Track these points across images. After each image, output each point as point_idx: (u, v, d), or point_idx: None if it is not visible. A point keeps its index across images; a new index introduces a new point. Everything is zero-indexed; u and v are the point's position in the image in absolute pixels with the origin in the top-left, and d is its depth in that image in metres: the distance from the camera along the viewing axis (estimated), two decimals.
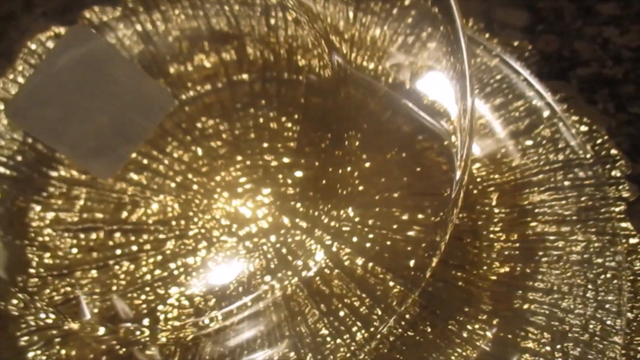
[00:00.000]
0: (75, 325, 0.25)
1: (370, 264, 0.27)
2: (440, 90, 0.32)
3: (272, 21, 0.34)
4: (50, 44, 0.32)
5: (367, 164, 0.30)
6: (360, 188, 0.29)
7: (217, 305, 0.26)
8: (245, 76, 0.33)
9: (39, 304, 0.25)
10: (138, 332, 0.25)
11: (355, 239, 0.28)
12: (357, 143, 0.30)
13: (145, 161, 0.30)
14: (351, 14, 0.33)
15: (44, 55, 0.31)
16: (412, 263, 0.27)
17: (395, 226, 0.28)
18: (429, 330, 0.25)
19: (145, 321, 0.25)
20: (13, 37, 0.32)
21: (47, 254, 0.27)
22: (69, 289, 0.26)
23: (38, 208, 0.28)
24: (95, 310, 0.25)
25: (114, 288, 0.26)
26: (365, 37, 0.33)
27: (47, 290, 0.26)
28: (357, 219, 0.28)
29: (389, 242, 0.27)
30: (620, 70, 0.34)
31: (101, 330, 0.25)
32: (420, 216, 0.28)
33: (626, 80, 0.34)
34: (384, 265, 0.27)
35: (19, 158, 0.30)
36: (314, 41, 0.31)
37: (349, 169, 0.29)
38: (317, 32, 0.30)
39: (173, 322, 0.25)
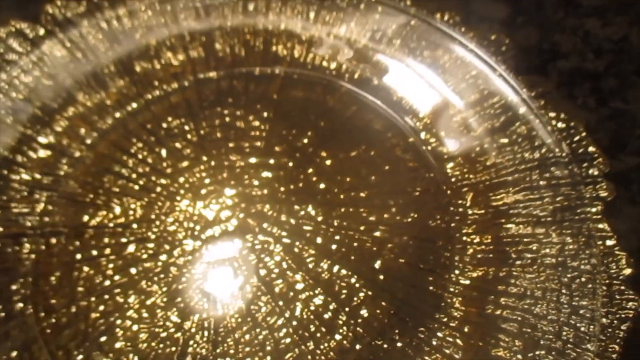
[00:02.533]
0: None
1: (336, 267, 0.26)
2: (407, 86, 0.31)
3: (251, 6, 0.33)
4: (11, 41, 0.31)
5: (328, 162, 0.29)
6: (322, 186, 0.28)
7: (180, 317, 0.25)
8: (212, 74, 0.32)
9: None
10: None
11: (319, 240, 0.27)
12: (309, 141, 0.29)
13: (107, 163, 0.29)
14: (312, 15, 0.32)
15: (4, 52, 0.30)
16: (378, 264, 0.26)
17: (362, 227, 0.27)
18: (398, 338, 0.24)
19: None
20: None
21: (3, 262, 0.26)
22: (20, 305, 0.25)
23: None
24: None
25: (72, 296, 0.25)
26: (328, 35, 0.32)
27: None
28: (319, 219, 0.27)
29: (355, 244, 0.26)
30: (602, 63, 0.33)
31: None
32: (386, 216, 0.27)
33: (607, 74, 0.33)
34: (349, 268, 0.26)
35: None
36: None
37: (310, 170, 0.28)
38: None
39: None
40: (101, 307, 0.25)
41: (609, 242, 0.25)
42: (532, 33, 0.34)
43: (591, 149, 0.27)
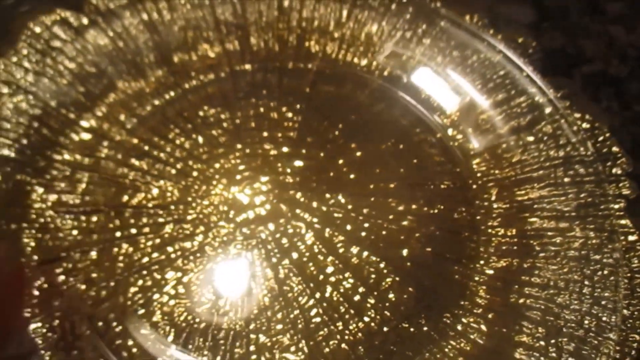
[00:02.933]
0: None
1: (365, 253, 0.27)
2: (435, 84, 0.32)
3: (286, 3, 0.34)
4: (56, 29, 0.32)
5: (358, 154, 0.30)
6: (352, 176, 0.29)
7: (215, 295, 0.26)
8: (247, 66, 0.33)
9: None
10: None
11: (349, 227, 0.28)
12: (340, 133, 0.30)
13: (146, 147, 0.30)
14: (345, 13, 0.33)
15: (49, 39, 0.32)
16: (405, 252, 0.27)
17: (390, 216, 0.28)
18: (424, 322, 0.25)
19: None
20: (16, 18, 0.32)
21: (47, 236, 0.27)
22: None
23: (41, 190, 0.29)
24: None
25: (112, 271, 0.26)
26: (359, 33, 0.33)
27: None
28: (349, 207, 0.28)
29: (384, 232, 0.27)
30: (626, 69, 0.34)
31: None
32: (414, 206, 0.28)
33: (631, 79, 0.34)
34: (378, 254, 0.27)
35: (24, 141, 0.30)
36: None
37: (340, 161, 0.29)
38: None
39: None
40: (140, 282, 0.26)
41: (631, 238, 0.25)
42: (557, 37, 0.35)
43: (615, 149, 0.28)
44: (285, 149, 0.30)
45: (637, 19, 0.36)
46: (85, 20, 0.33)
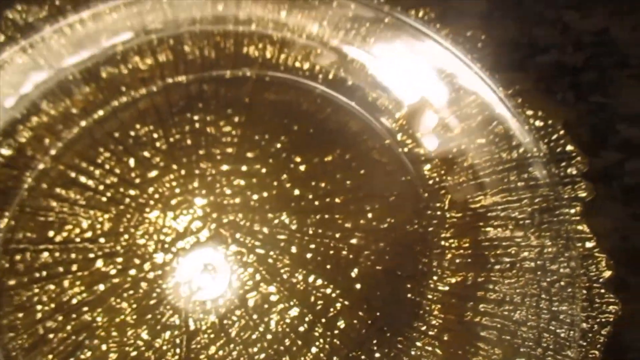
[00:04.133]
0: None
1: (312, 277, 0.25)
2: (381, 87, 0.30)
3: (220, 7, 0.32)
4: None
5: (302, 167, 0.28)
6: (296, 192, 0.27)
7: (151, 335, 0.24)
8: (181, 78, 0.31)
9: None
10: None
11: (294, 249, 0.26)
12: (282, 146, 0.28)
13: (73, 174, 0.28)
14: (284, 14, 0.31)
15: None
16: (354, 273, 0.25)
17: (337, 234, 0.26)
18: (376, 349, 0.24)
19: None
20: None
21: None
22: None
23: None
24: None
25: (39, 315, 0.24)
26: (300, 35, 0.31)
27: None
28: (294, 227, 0.26)
29: (331, 252, 0.26)
30: (581, 56, 0.33)
31: None
32: (362, 222, 0.26)
33: (587, 68, 0.32)
34: (325, 277, 0.25)
35: None
36: None
37: (284, 176, 0.27)
38: None
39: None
40: (68, 327, 0.24)
41: (589, 244, 0.24)
42: (509, 27, 0.34)
43: (569, 147, 0.26)
44: (224, 167, 0.28)
45: (591, 2, 0.34)
46: (1, 37, 0.30)
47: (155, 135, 0.29)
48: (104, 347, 0.24)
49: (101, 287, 0.25)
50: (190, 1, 0.32)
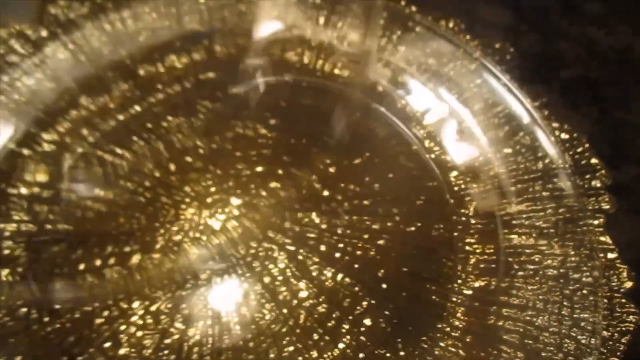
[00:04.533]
0: None
1: (340, 275, 0.26)
2: (411, 94, 0.31)
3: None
4: (13, 42, 0.31)
5: (332, 169, 0.29)
6: (325, 194, 0.28)
7: (184, 324, 0.25)
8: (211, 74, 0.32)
9: None
10: None
11: (323, 248, 0.27)
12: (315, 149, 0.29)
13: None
14: (322, 20, 0.32)
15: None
16: (381, 273, 0.26)
17: (365, 235, 0.27)
18: (401, 347, 0.25)
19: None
20: None
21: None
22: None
23: None
24: None
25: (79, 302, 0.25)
26: (340, 42, 0.32)
27: None
28: (323, 227, 0.27)
29: (358, 252, 0.27)
30: (605, 72, 0.33)
31: None
32: (389, 224, 0.27)
33: (610, 83, 0.33)
34: (353, 276, 0.26)
35: None
36: None
37: (314, 177, 0.28)
38: None
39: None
40: (105, 313, 0.25)
41: (611, 255, 0.25)
42: (535, 41, 0.34)
43: (594, 160, 0.27)
44: (259, 169, 0.29)
45: (616, 19, 0.35)
46: (44, 33, 0.31)
47: (198, 142, 0.30)
48: (139, 333, 0.25)
49: (137, 277, 0.26)
50: (225, 1, 0.33)
